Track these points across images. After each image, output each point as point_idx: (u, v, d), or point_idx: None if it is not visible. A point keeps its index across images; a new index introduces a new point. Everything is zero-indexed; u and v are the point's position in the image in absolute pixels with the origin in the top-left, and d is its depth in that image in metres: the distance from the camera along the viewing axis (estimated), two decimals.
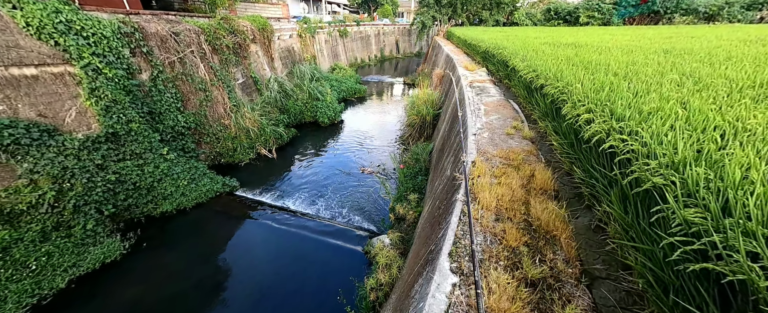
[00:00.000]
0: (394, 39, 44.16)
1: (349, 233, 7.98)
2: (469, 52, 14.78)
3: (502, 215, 2.69)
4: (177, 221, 8.05)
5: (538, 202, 2.85)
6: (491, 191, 2.98)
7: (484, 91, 7.68)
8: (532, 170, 3.47)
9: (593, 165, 2.92)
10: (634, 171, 2.19)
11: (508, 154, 3.92)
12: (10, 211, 6.09)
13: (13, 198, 6.18)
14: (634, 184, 2.22)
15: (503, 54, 8.81)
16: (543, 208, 2.70)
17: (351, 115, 18.14)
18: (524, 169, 3.45)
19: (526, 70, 6.17)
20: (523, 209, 2.75)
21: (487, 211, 2.74)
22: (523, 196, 2.97)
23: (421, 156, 9.04)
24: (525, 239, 2.35)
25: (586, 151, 3.13)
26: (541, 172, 3.31)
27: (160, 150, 8.54)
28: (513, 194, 2.98)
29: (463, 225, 2.60)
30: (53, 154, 6.57)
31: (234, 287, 6.31)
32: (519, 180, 3.24)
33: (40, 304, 5.49)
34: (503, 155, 3.90)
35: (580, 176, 3.06)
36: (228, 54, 12.87)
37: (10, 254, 5.63)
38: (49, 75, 6.80)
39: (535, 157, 3.93)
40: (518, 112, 6.11)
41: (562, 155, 3.78)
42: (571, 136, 3.60)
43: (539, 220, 2.53)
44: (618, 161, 2.45)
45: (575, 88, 3.98)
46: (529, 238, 2.40)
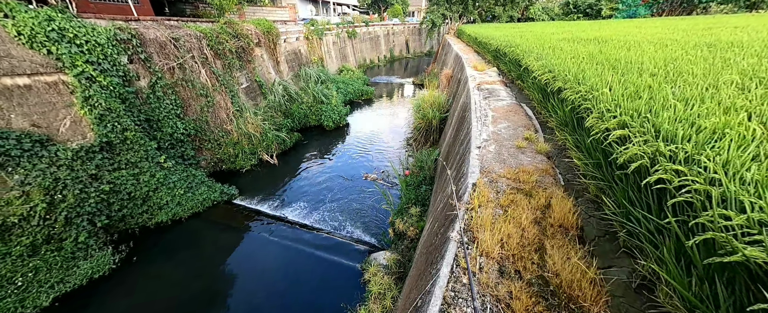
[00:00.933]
0: (403, 39, 43.45)
1: (347, 247, 7.47)
2: (480, 50, 13.92)
3: (507, 268, 2.04)
4: (171, 233, 7.83)
5: (556, 247, 2.18)
6: (495, 228, 2.34)
7: (493, 94, 6.92)
8: (548, 196, 2.79)
9: (632, 199, 2.22)
10: (702, 224, 1.50)
11: (519, 174, 3.24)
12: (1, 224, 6.01)
13: (4, 211, 6.09)
14: (707, 248, 1.54)
15: (515, 52, 8.00)
16: (563, 257, 2.03)
17: (357, 118, 17.69)
18: (538, 196, 2.78)
19: (541, 70, 5.41)
20: (536, 258, 2.09)
21: (488, 259, 2.10)
22: (537, 236, 2.32)
23: (426, 164, 8.40)
24: (540, 310, 1.71)
25: (621, 179, 2.43)
26: (560, 201, 2.63)
27: (157, 158, 8.37)
28: (523, 234, 2.32)
29: (455, 281, 1.99)
30: (45, 165, 6.45)
31: (224, 306, 5.95)
32: (531, 212, 2.58)
33: None
34: (512, 176, 3.22)
35: (613, 211, 2.37)
36: (231, 58, 12.71)
37: None
38: (43, 84, 6.70)
39: (551, 178, 3.23)
40: (531, 118, 5.36)
41: (586, 177, 3.07)
42: (599, 155, 2.89)
43: (559, 277, 1.87)
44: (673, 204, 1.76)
45: (602, 93, 3.25)
46: (546, 308, 1.74)
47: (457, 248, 2.23)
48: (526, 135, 4.37)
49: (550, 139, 4.30)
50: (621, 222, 2.23)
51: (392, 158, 12.13)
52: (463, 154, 4.34)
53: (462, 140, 5.03)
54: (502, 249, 2.19)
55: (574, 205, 2.68)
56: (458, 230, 2.39)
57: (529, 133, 4.41)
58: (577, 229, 2.45)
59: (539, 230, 2.38)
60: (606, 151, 2.71)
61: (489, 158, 3.72)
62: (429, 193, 7.62)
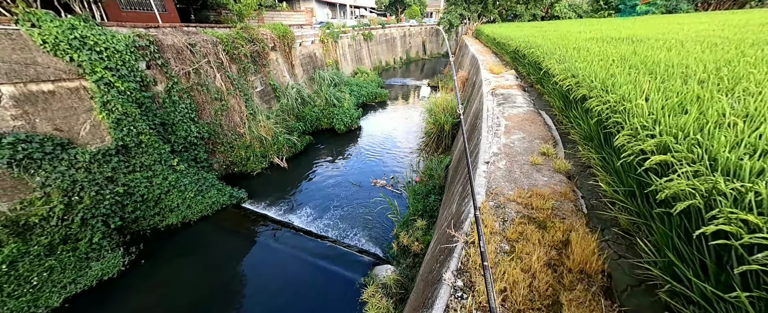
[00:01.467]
0: (420, 40, 42.88)
1: (351, 257, 7.20)
2: (498, 52, 13.20)
3: None
4: (179, 236, 7.95)
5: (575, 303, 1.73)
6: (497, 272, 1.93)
7: (508, 99, 6.35)
8: (567, 230, 2.32)
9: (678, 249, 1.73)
10: None
11: (532, 198, 2.78)
12: (24, 223, 6.32)
13: (27, 211, 6.42)
14: None
15: (535, 54, 7.36)
16: None
17: (369, 121, 17.48)
18: (554, 228, 2.31)
19: (563, 74, 4.83)
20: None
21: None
22: (550, 285, 1.87)
23: (435, 172, 7.96)
24: None
25: (662, 218, 1.93)
26: (582, 238, 2.15)
27: (170, 161, 8.58)
28: (533, 281, 1.88)
29: None
30: (65, 167, 6.74)
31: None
32: (544, 251, 2.13)
33: None
34: (524, 200, 2.76)
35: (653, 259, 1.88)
36: (246, 63, 12.94)
37: (16, 268, 5.77)
38: (65, 90, 7.03)
39: (571, 204, 2.74)
40: (551, 129, 4.79)
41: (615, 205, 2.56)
42: (631, 182, 2.38)
43: None
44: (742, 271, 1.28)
45: (635, 104, 2.72)
46: None
47: (449, 296, 1.85)
48: (543, 149, 3.85)
49: (571, 155, 3.75)
50: (664, 278, 1.74)
51: (403, 164, 11.76)
52: (470, 169, 3.93)
53: (471, 152, 4.58)
54: (503, 303, 1.78)
55: (600, 243, 2.19)
56: (453, 270, 2.01)
57: (546, 147, 3.89)
58: (604, 276, 1.97)
59: (554, 277, 1.93)
60: (642, 182, 2.20)
61: (498, 176, 3.27)
62: (437, 203, 7.18)
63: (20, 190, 6.43)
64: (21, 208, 6.39)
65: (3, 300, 5.40)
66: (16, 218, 6.32)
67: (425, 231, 5.94)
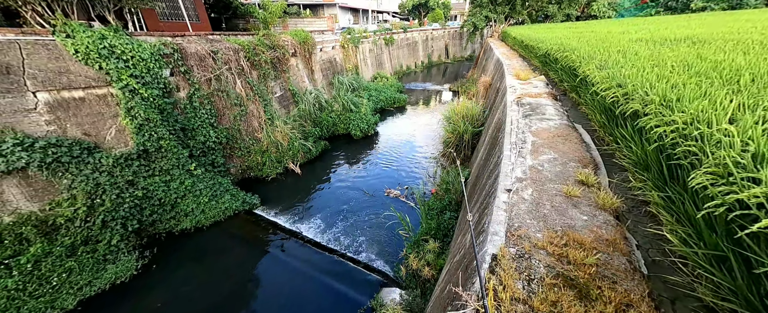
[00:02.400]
0: (443, 43, 42.03)
1: (359, 275, 6.76)
2: (526, 55, 12.24)
3: None
4: (191, 242, 8.01)
5: None
6: None
7: (536, 111, 5.57)
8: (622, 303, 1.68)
9: None
10: None
11: (567, 247, 2.12)
12: (52, 223, 6.64)
13: (55, 211, 6.74)
14: None
15: (570, 58, 6.52)
16: None
17: (387, 127, 17.10)
18: (602, 299, 1.69)
19: (605, 83, 4.08)
20: None
21: None
22: None
23: (452, 186, 7.33)
24: None
25: None
26: None
27: (188, 166, 8.75)
28: None
29: None
30: (90, 170, 7.03)
31: None
32: None
33: None
34: (557, 249, 2.10)
35: None
36: (266, 69, 13.15)
37: (39, 267, 6.02)
38: (94, 96, 7.39)
39: (623, 259, 2.05)
40: (589, 148, 4.00)
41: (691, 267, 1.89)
42: (720, 240, 1.71)
43: None
44: None
45: (719, 129, 2.02)
46: None
47: None
48: (581, 176, 3.13)
49: (619, 186, 3.01)
50: None
51: (420, 173, 11.19)
52: (488, 195, 3.30)
53: (490, 172, 3.95)
54: None
55: None
56: None
57: (584, 173, 3.17)
58: None
59: None
60: (741, 242, 1.54)
61: (522, 211, 2.64)
62: (453, 221, 6.55)
63: (50, 191, 6.78)
64: (50, 208, 6.73)
65: (24, 299, 5.62)
66: (46, 218, 6.65)
67: (438, 254, 5.37)
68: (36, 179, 6.53)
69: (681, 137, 2.27)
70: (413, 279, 5.50)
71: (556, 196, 2.90)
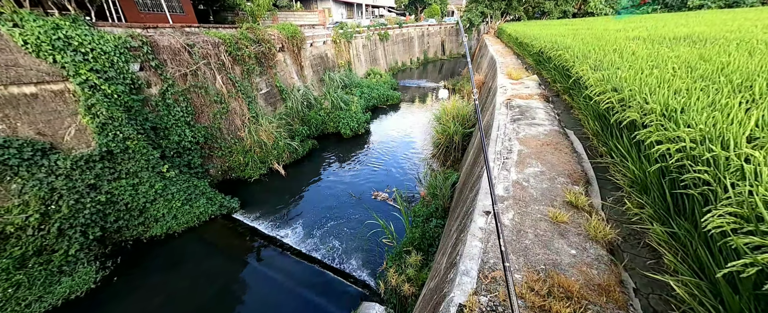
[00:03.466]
0: (439, 40, 41.36)
1: (339, 287, 6.28)
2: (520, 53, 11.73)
3: None
4: (160, 249, 7.45)
5: None
6: None
7: (526, 114, 5.06)
8: None
9: None
10: None
11: (551, 296, 1.60)
12: (1, 232, 6.03)
13: (5, 219, 6.12)
14: None
15: (563, 57, 6.02)
16: None
17: (378, 125, 16.55)
18: None
19: (599, 86, 3.59)
20: None
21: None
22: None
23: (440, 191, 6.84)
24: None
25: None
26: None
27: (160, 167, 8.14)
28: None
29: None
30: (43, 174, 6.41)
31: None
32: None
33: None
34: (537, 299, 1.58)
35: None
36: (250, 64, 12.48)
37: None
38: (49, 93, 6.73)
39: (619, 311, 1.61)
40: (581, 158, 3.48)
41: None
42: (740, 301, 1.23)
43: None
44: None
45: (742, 152, 1.54)
46: None
47: None
48: (571, 195, 2.61)
49: (613, 208, 2.52)
50: None
51: (409, 175, 10.70)
52: (466, 214, 2.79)
53: (472, 186, 3.43)
54: None
55: None
56: None
57: (574, 192, 2.66)
58: None
59: None
60: None
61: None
62: (440, 229, 6.07)
63: None
64: None
65: None
66: None
67: (419, 268, 4.89)
68: None
69: (689, 160, 1.77)
70: (394, 294, 5.03)
71: (541, 221, 2.40)
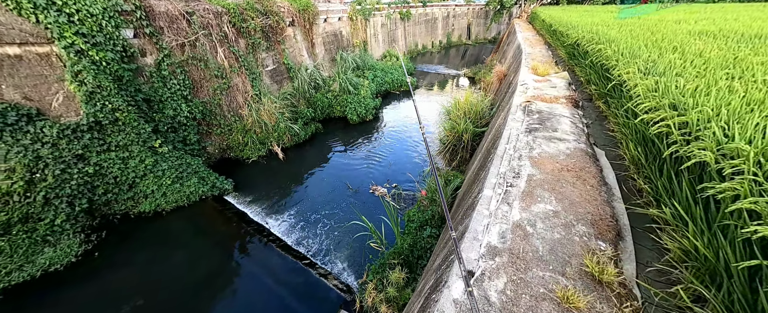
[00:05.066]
0: (465, 22, 38.49)
1: (320, 291, 5.87)
2: (553, 43, 10.23)
3: None
4: (145, 228, 7.29)
5: None
6: None
7: (546, 123, 4.07)
8: None
9: None
10: None
11: None
12: None
13: None
14: None
15: (604, 52, 4.86)
16: None
17: (388, 112, 15.65)
18: None
19: (651, 98, 2.62)
20: None
21: None
22: None
23: (439, 195, 6.09)
24: None
25: None
26: None
27: (151, 142, 7.85)
28: None
29: None
30: (28, 141, 6.21)
31: None
32: None
33: None
34: None
35: None
36: (256, 38, 11.75)
37: None
38: (34, 55, 6.38)
39: None
40: (612, 195, 2.51)
41: None
42: None
43: None
44: None
45: None
46: None
47: None
48: (592, 263, 1.72)
49: (658, 283, 1.68)
50: None
51: (413, 169, 9.97)
52: (440, 268, 2.04)
53: (465, 211, 2.63)
54: None
55: None
56: None
57: (598, 255, 1.80)
58: None
59: None
60: None
61: None
62: (433, 240, 5.41)
63: None
64: None
65: None
66: None
67: (402, 287, 4.30)
68: None
69: None
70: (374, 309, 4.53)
71: (545, 300, 1.62)
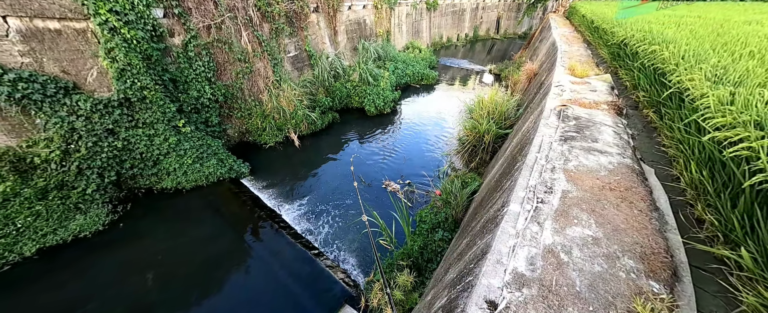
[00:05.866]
0: (495, 15, 36.64)
1: (325, 283, 5.88)
2: (593, 41, 9.42)
3: None
4: (166, 203, 7.63)
5: None
6: None
7: (585, 132, 3.66)
8: None
9: None
10: None
11: None
12: (30, 162, 6.41)
13: (33, 150, 6.47)
14: None
15: (659, 55, 4.32)
16: None
17: (406, 106, 15.33)
18: None
19: (724, 113, 2.24)
20: None
21: None
22: None
23: (455, 199, 5.89)
24: None
25: None
26: None
27: (175, 121, 8.11)
28: None
29: None
30: (65, 113, 6.56)
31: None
32: None
33: None
34: None
35: None
36: (280, 23, 11.71)
37: (5, 207, 5.87)
38: (72, 30, 6.65)
39: None
40: (665, 223, 2.13)
41: None
42: None
43: None
44: None
45: None
46: None
47: None
48: (642, 307, 1.52)
49: None
50: None
51: (429, 166, 9.75)
52: (460, 286, 1.83)
53: (484, 226, 2.37)
54: None
55: None
56: None
57: (650, 298, 1.57)
58: None
59: None
60: None
61: None
62: (444, 244, 5.26)
63: (26, 129, 6.47)
64: (27, 147, 6.46)
65: None
66: (23, 155, 6.42)
67: (410, 290, 4.20)
68: (10, 113, 6.17)
69: None
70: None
71: None
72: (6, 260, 5.59)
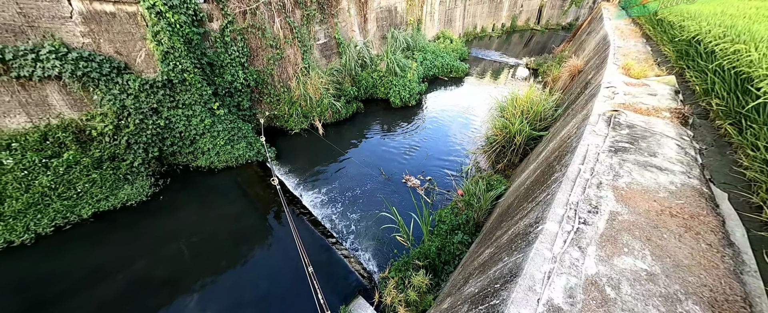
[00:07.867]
0: (537, 3, 33.85)
1: (341, 271, 6.04)
2: (655, 36, 8.32)
3: None
4: (200, 180, 8.18)
5: None
6: None
7: (640, 143, 3.19)
8: None
9: None
10: None
11: None
12: (88, 133, 7.16)
13: (91, 123, 7.20)
14: None
15: (745, 56, 3.67)
16: None
17: (432, 100, 14.91)
18: None
19: None
20: None
21: None
22: None
23: (477, 202, 5.69)
24: None
25: None
26: None
27: (211, 104, 8.57)
28: None
29: None
30: (117, 91, 7.17)
31: (185, 289, 5.64)
32: None
33: (60, 229, 6.30)
34: None
35: None
36: (312, 10, 11.72)
37: (69, 172, 6.64)
38: (125, 14, 7.13)
39: None
40: (740, 262, 1.78)
41: None
42: None
43: None
44: None
45: None
46: None
47: None
48: None
49: None
50: None
51: (452, 164, 9.51)
52: (482, 306, 1.71)
53: (511, 241, 2.17)
54: None
55: None
56: None
57: None
58: None
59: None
60: None
61: None
62: (464, 248, 5.13)
63: (86, 103, 7.18)
64: (87, 120, 7.20)
65: (53, 199, 6.33)
66: (84, 127, 7.17)
67: (424, 292, 4.18)
68: (73, 89, 6.86)
69: None
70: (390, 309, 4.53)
71: None
72: (68, 220, 6.40)
